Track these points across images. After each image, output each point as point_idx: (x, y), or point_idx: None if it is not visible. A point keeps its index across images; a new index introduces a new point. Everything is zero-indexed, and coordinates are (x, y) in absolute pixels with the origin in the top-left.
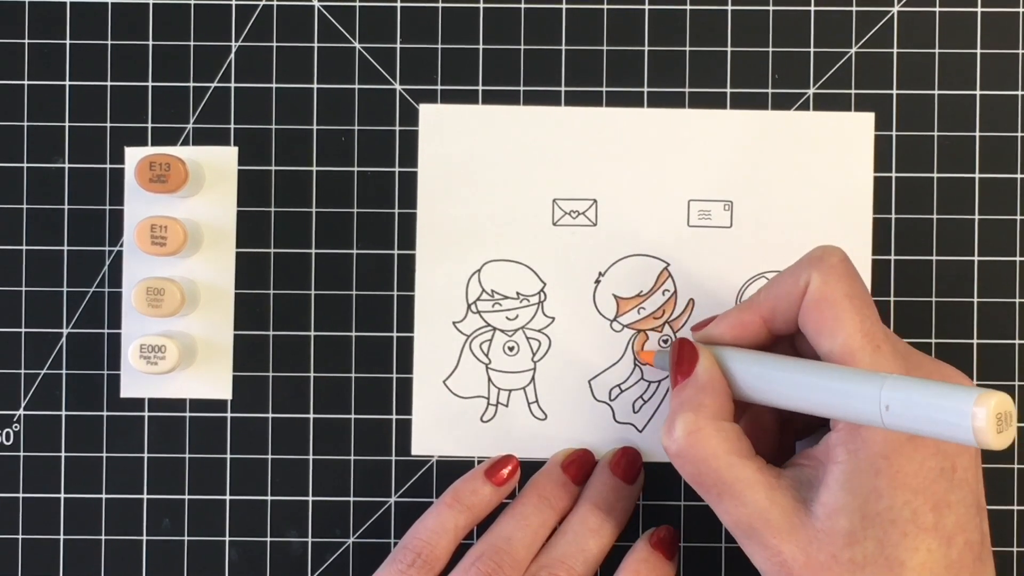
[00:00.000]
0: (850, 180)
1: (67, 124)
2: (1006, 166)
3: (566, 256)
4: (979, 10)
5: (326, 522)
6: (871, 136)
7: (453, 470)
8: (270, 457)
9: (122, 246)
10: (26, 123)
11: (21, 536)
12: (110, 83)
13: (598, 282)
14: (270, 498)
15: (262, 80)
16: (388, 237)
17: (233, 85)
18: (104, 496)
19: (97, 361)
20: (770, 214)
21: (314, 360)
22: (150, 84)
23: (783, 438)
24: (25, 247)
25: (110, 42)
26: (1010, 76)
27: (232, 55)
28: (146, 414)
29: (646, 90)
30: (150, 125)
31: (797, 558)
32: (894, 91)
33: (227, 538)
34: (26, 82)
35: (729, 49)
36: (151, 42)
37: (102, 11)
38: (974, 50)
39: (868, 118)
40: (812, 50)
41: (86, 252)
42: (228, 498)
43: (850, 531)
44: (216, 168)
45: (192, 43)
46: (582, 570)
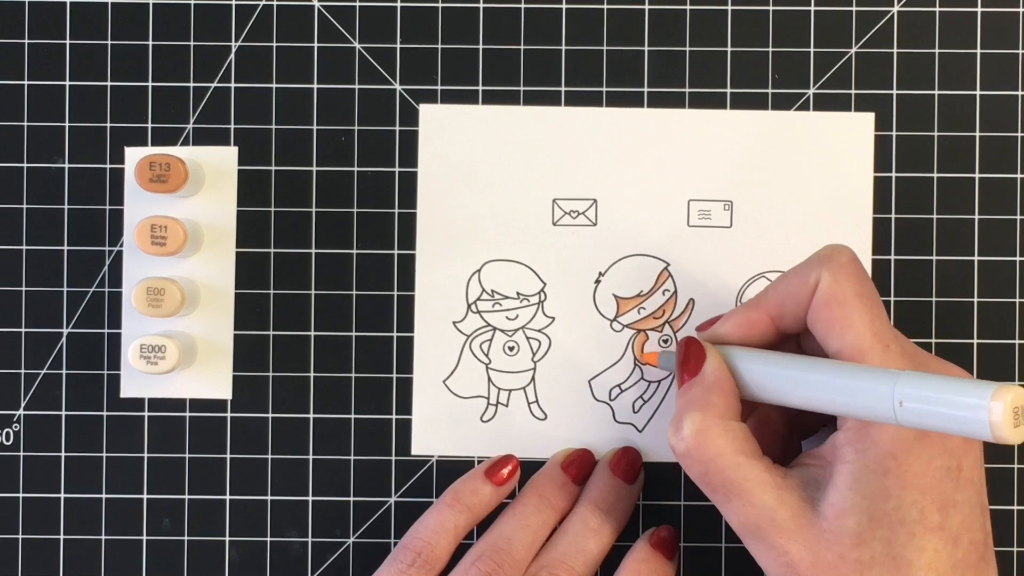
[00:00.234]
0: (850, 180)
1: (67, 124)
2: (1006, 166)
3: (566, 256)
4: (979, 10)
5: (326, 522)
6: (871, 136)
7: (453, 470)
8: (270, 457)
9: (122, 246)
10: (26, 123)
11: (21, 536)
12: (110, 83)
13: (598, 282)
14: (270, 498)
15: (262, 80)
16: (388, 237)
17: (233, 85)
18: (104, 496)
19: (97, 361)
20: (770, 214)
21: (314, 360)
22: (150, 84)
23: (789, 438)
24: (25, 247)
25: (110, 42)
26: (1010, 76)
27: (232, 55)
28: (146, 414)
29: (646, 90)
30: (150, 125)
31: (804, 558)
32: (894, 91)
33: (227, 538)
34: (26, 82)
35: (729, 49)
36: (151, 42)
37: (102, 11)
38: (974, 50)
39: (868, 118)
40: (812, 50)
41: (86, 252)
42: (228, 498)
43: (858, 531)
44: (216, 168)
45: (192, 43)
46: (582, 570)
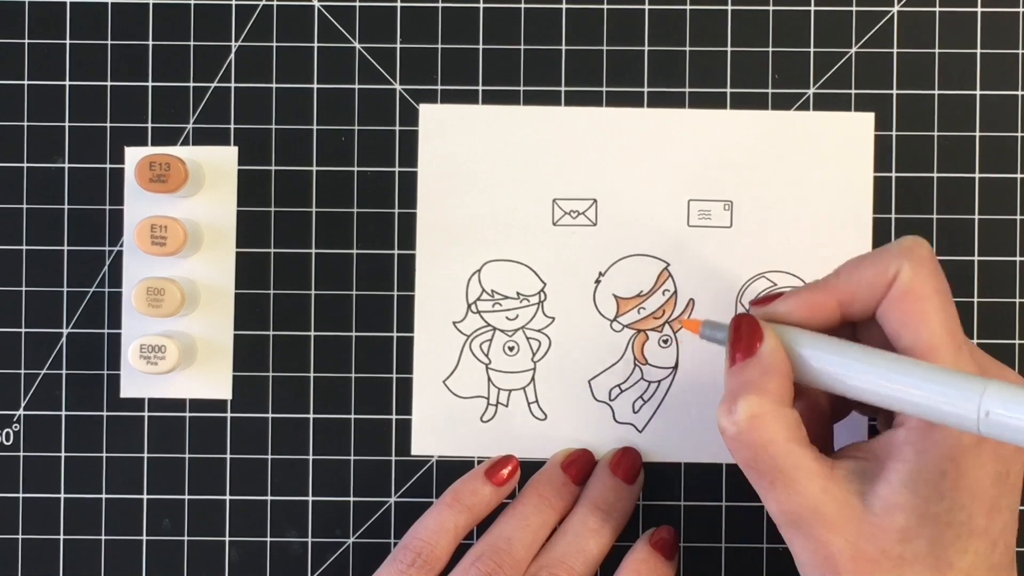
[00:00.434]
0: (850, 180)
1: (67, 124)
2: (1006, 166)
3: (566, 256)
4: (979, 10)
5: (326, 522)
6: (871, 136)
7: (453, 470)
8: (270, 457)
9: (122, 246)
10: (26, 123)
11: (21, 536)
12: (110, 83)
13: (598, 282)
14: (270, 498)
15: (262, 80)
16: (388, 237)
17: (233, 85)
18: (104, 496)
19: (97, 361)
20: (770, 214)
21: (314, 360)
22: (150, 84)
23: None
24: (25, 247)
25: (110, 42)
26: (1010, 76)
27: (232, 55)
28: (146, 414)
29: (646, 90)
30: (150, 125)
31: (844, 551)
32: (894, 91)
33: (227, 538)
34: (26, 82)
35: (729, 49)
36: (151, 42)
37: (102, 11)
38: (974, 50)
39: (868, 118)
40: (812, 50)
41: (86, 252)
42: (228, 498)
43: (905, 528)
44: (216, 168)
45: (192, 43)
46: (582, 570)
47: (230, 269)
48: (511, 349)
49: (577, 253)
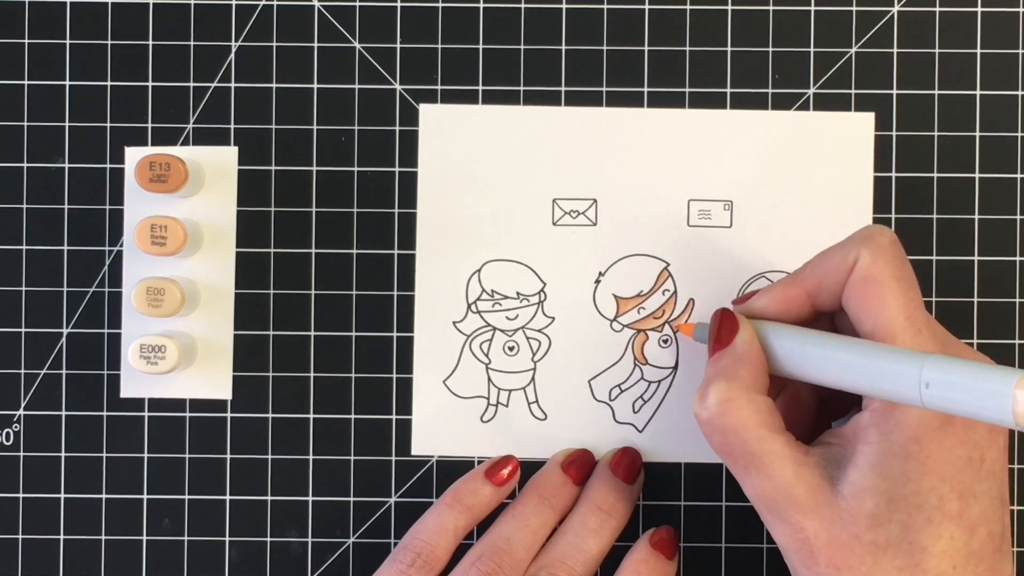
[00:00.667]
0: (850, 180)
1: (67, 124)
2: (1006, 166)
3: (566, 256)
4: (979, 10)
5: (326, 522)
6: (871, 136)
7: (453, 470)
8: (270, 457)
9: (122, 246)
10: (26, 123)
11: (21, 536)
12: (110, 83)
13: (598, 282)
14: (270, 498)
15: (262, 80)
16: (388, 237)
17: (233, 85)
18: (104, 496)
19: (97, 361)
20: (770, 214)
21: (314, 360)
22: (150, 84)
23: (819, 418)
24: (25, 247)
25: (110, 42)
26: (1010, 76)
27: (232, 55)
28: (146, 414)
29: (646, 90)
30: (150, 125)
31: (819, 535)
32: (894, 91)
33: (227, 538)
34: (26, 82)
35: (729, 49)
36: (151, 42)
37: (102, 11)
38: (974, 50)
39: (868, 118)
40: (812, 50)
41: (86, 252)
42: (228, 498)
43: (875, 513)
44: (216, 168)
45: (192, 43)
46: (582, 570)
47: (230, 269)
48: (511, 349)
49: (577, 253)
